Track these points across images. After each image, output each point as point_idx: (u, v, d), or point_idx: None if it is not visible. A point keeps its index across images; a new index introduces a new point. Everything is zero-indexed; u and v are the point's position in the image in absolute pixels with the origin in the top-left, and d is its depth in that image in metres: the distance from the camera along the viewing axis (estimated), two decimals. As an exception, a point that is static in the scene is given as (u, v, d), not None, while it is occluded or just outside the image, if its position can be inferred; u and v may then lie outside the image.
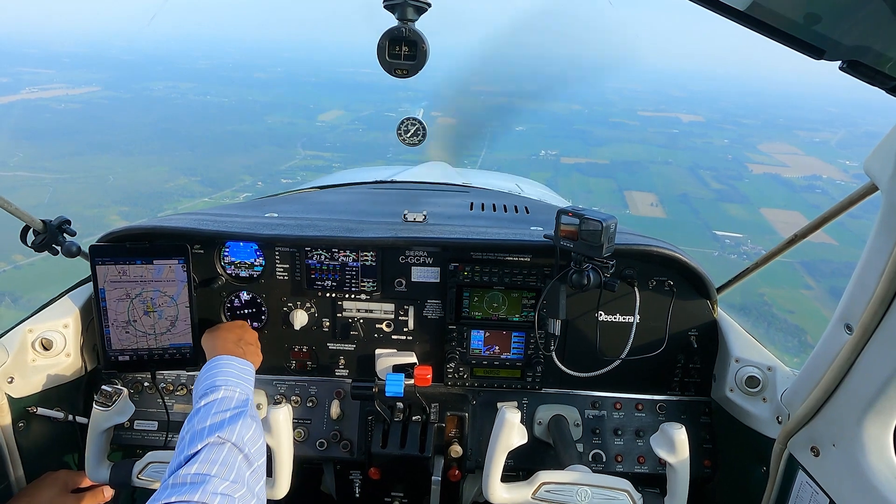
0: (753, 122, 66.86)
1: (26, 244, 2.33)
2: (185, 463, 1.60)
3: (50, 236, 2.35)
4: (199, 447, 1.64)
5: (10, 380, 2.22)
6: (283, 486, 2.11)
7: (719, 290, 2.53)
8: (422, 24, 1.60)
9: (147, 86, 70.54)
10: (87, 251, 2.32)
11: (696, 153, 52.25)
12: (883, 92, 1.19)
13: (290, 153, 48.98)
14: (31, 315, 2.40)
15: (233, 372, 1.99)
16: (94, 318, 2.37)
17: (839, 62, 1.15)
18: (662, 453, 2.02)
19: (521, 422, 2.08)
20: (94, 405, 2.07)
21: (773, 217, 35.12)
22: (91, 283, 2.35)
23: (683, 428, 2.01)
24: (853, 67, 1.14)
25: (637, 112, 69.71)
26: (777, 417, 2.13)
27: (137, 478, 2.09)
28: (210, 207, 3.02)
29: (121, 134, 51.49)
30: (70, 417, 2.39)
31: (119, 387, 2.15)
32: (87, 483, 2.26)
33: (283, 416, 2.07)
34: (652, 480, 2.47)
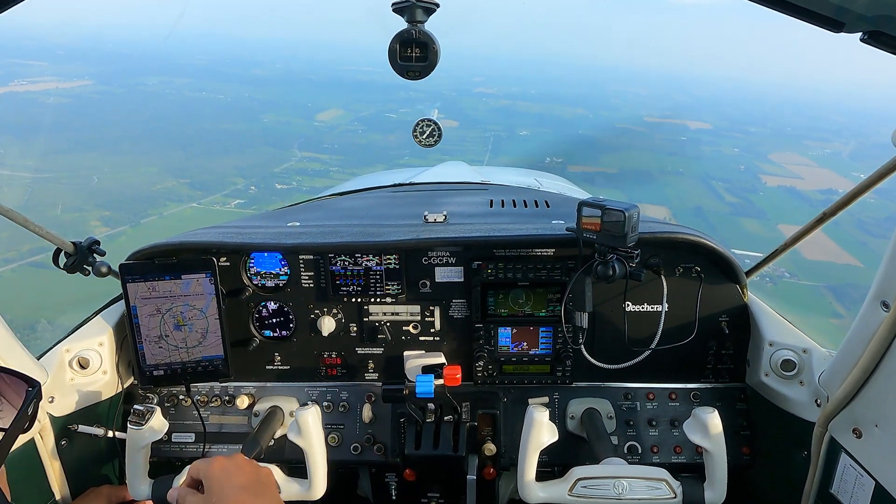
0: (761, 130, 64.82)
1: (58, 266, 2.38)
2: None
3: (80, 257, 2.39)
4: None
5: (51, 399, 2.28)
6: (319, 487, 2.10)
7: (748, 273, 2.48)
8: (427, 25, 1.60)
9: (141, 80, 68.19)
10: (117, 270, 2.36)
11: (707, 162, 49.99)
12: None
13: (286, 154, 46.95)
14: (68, 335, 2.45)
15: None
16: (127, 334, 2.40)
17: (860, 34, 1.13)
18: (697, 439, 2.01)
19: (553, 417, 2.17)
20: (129, 425, 2.10)
21: (792, 234, 33.42)
22: (122, 301, 2.37)
23: (716, 411, 1.99)
24: (875, 38, 1.12)
25: (643, 118, 67.86)
26: (816, 400, 2.09)
27: None
28: (233, 220, 3.04)
29: (110, 131, 49.32)
30: (110, 433, 2.43)
31: (151, 405, 2.17)
32: (129, 497, 2.28)
33: (312, 416, 2.06)
34: (690, 470, 2.37)
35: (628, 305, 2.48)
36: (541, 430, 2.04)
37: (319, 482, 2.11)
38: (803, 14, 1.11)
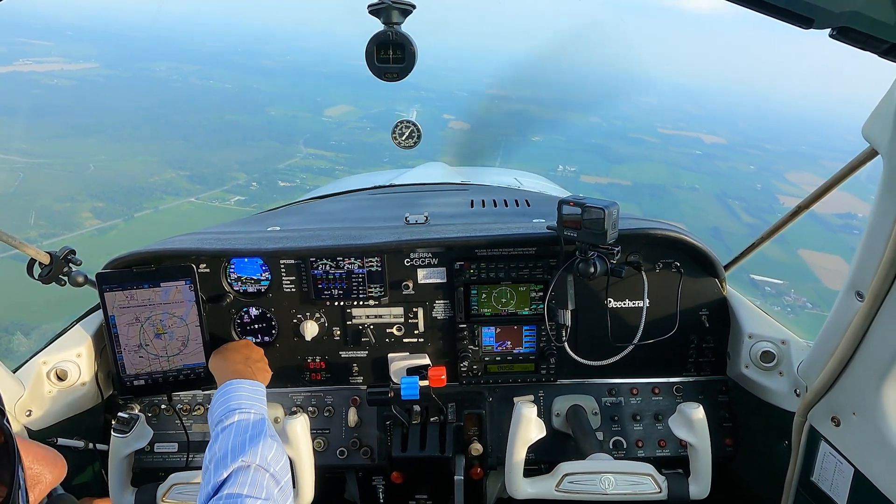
0: (777, 147, 63.06)
1: (33, 277, 2.32)
2: (215, 493, 1.61)
3: (56, 268, 2.34)
4: (226, 474, 1.66)
5: (28, 413, 2.25)
6: (306, 496, 2.11)
7: (727, 267, 2.52)
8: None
9: (148, 66, 66.58)
10: (94, 279, 2.32)
11: (723, 179, 48.53)
12: (875, 57, 1.18)
13: (291, 150, 45.15)
14: (45, 347, 2.41)
15: (245, 394, 1.98)
16: (106, 344, 2.37)
17: (829, 30, 1.14)
18: (682, 434, 2.05)
19: (538, 415, 2.18)
20: (113, 432, 2.10)
21: (812, 260, 31.59)
22: (101, 310, 2.34)
23: (701, 407, 2.04)
24: (843, 34, 1.14)
25: (657, 129, 66.26)
26: (795, 390, 2.13)
27: (162, 501, 2.10)
28: (212, 226, 2.97)
29: (112, 116, 47.52)
30: (91, 445, 2.40)
31: (136, 412, 2.19)
32: None
33: (301, 425, 2.07)
34: (674, 463, 2.40)
35: (610, 302, 2.50)
36: (529, 426, 2.06)
37: (307, 491, 2.10)
38: (773, 11, 1.12)
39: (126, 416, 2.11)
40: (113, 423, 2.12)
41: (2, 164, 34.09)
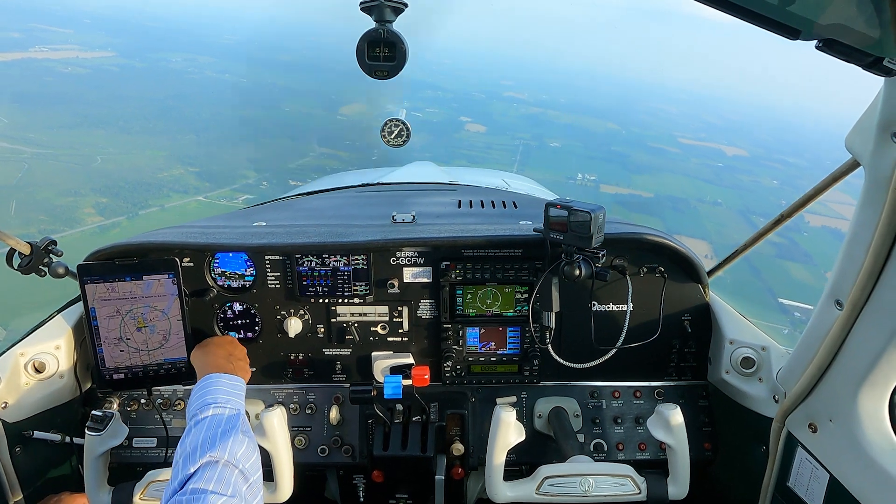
0: (799, 161, 61.13)
1: (12, 267, 2.30)
2: (181, 488, 1.60)
3: (36, 258, 2.31)
4: (193, 469, 1.63)
5: (3, 405, 2.22)
6: (285, 490, 2.09)
7: (710, 273, 2.53)
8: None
9: (164, 56, 65.63)
10: (74, 270, 2.28)
11: (746, 194, 47.05)
12: (860, 69, 1.18)
13: (304, 148, 43.80)
14: (23, 338, 2.37)
15: (223, 389, 1.97)
16: (85, 337, 2.35)
17: (815, 42, 1.14)
18: (660, 434, 2.07)
19: (520, 416, 2.20)
20: (87, 431, 2.08)
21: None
22: (81, 302, 2.31)
23: (678, 407, 2.06)
24: (829, 46, 1.14)
25: (677, 138, 64.85)
26: (774, 396, 2.15)
27: (139, 499, 2.08)
28: (198, 220, 2.93)
29: (124, 108, 46.42)
30: (67, 439, 2.37)
31: (110, 410, 2.16)
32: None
33: (277, 418, 2.05)
34: (654, 466, 2.40)
35: (594, 305, 2.51)
36: (508, 431, 2.06)
37: (285, 485, 2.09)
38: (761, 21, 1.12)
39: (100, 413, 2.10)
40: (87, 421, 2.09)
41: (7, 154, 33.36)
